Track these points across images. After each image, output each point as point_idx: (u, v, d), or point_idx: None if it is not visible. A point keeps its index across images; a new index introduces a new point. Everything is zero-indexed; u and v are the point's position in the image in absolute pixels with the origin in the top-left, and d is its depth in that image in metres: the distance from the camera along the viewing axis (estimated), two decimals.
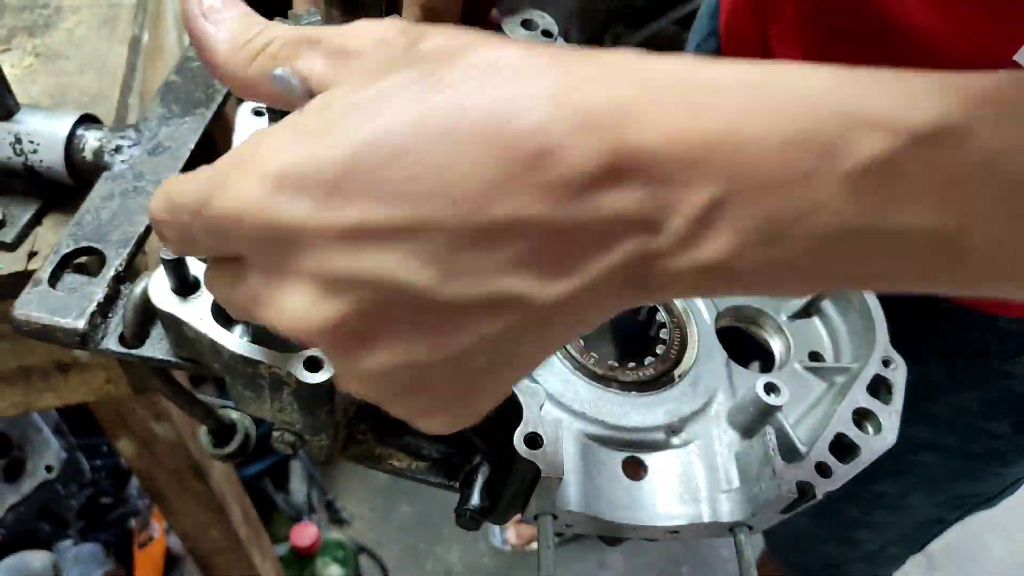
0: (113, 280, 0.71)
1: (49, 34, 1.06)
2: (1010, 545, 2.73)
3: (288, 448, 0.68)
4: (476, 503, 0.71)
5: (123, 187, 0.80)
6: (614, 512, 0.70)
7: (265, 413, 0.68)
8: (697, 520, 0.71)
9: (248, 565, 1.67)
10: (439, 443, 0.74)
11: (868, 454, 0.73)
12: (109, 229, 0.76)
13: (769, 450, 0.69)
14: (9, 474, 1.68)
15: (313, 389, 0.60)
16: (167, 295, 0.63)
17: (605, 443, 0.75)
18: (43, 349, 0.93)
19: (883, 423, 0.76)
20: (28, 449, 1.71)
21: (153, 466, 1.26)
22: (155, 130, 0.87)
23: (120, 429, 1.17)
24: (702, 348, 0.82)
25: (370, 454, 0.73)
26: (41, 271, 0.71)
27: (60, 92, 0.98)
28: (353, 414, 0.72)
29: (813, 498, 0.69)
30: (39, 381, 0.98)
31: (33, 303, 0.68)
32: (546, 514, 0.68)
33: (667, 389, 0.78)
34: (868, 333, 0.84)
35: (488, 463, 0.73)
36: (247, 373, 0.63)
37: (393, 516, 2.71)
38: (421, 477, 0.73)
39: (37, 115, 0.83)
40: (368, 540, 2.64)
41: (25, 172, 0.83)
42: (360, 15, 0.58)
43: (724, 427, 0.78)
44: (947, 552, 2.71)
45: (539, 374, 0.76)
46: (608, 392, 0.76)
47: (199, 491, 1.35)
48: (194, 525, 1.47)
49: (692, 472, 0.75)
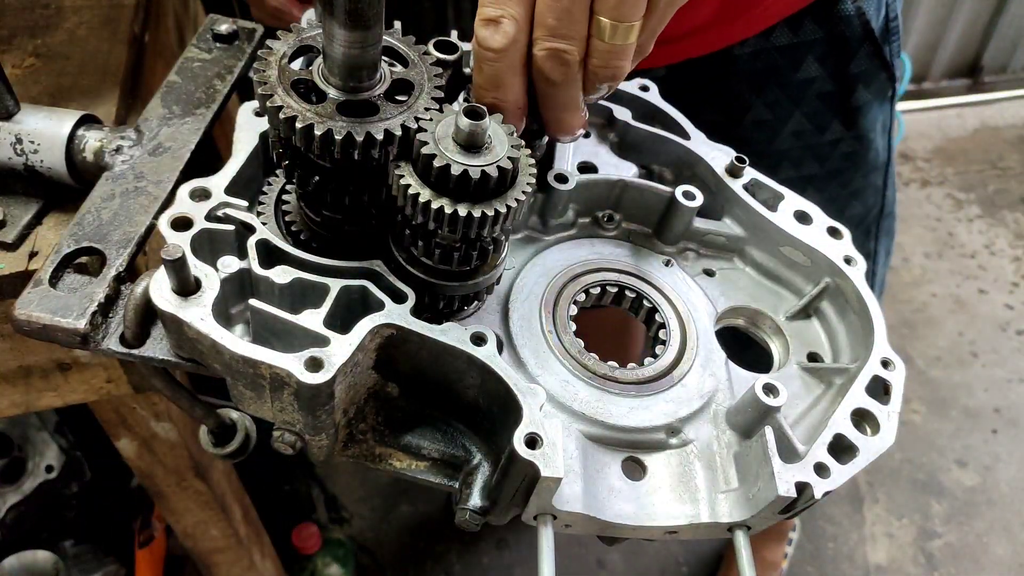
0: (114, 280, 0.71)
1: (50, 34, 1.07)
2: (1010, 545, 2.73)
3: (288, 448, 0.69)
4: (476, 503, 0.71)
5: (124, 187, 0.80)
6: (613, 512, 0.70)
7: (265, 413, 0.68)
8: (696, 520, 0.72)
9: (248, 564, 1.67)
10: (439, 443, 0.74)
11: (867, 454, 0.74)
12: (110, 229, 0.76)
13: (768, 451, 0.69)
14: (10, 474, 1.68)
15: (313, 389, 0.61)
16: (168, 295, 0.63)
17: (605, 443, 0.75)
18: (44, 349, 0.93)
19: (882, 424, 0.76)
20: (28, 449, 1.72)
21: (153, 466, 1.26)
22: (155, 130, 0.87)
23: (120, 429, 1.17)
24: (701, 349, 0.83)
25: (370, 454, 0.73)
26: (42, 271, 0.71)
27: (61, 92, 0.98)
28: (353, 414, 0.72)
29: (812, 498, 0.69)
30: (39, 381, 0.98)
31: (34, 303, 0.68)
32: (546, 514, 0.68)
33: (666, 390, 0.79)
34: (866, 335, 0.84)
35: (488, 463, 0.73)
36: (248, 373, 0.63)
37: (393, 516, 2.71)
38: (421, 477, 0.74)
39: (38, 115, 0.83)
40: (368, 540, 2.64)
41: (26, 172, 0.84)
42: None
43: (723, 428, 0.78)
44: (947, 552, 2.72)
45: (539, 375, 0.76)
46: (608, 393, 0.77)
47: (199, 490, 1.35)
48: (194, 524, 1.48)
49: (691, 472, 0.75)
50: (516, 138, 0.67)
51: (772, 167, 1.37)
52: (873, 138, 1.40)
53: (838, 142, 1.37)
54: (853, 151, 1.39)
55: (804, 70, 1.27)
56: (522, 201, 0.66)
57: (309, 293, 0.68)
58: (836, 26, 1.23)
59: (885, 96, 1.37)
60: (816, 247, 0.88)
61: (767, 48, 1.24)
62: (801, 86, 1.29)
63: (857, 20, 1.23)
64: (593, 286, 0.85)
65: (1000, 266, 3.58)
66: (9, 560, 1.69)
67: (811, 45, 1.24)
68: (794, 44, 1.24)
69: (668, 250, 0.92)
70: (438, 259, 0.71)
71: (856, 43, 1.26)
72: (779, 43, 1.23)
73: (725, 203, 0.93)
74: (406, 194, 0.64)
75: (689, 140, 0.94)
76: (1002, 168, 4.04)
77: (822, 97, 1.31)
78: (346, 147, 0.61)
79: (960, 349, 3.26)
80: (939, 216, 3.79)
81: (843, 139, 1.37)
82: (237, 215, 0.71)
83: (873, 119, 1.38)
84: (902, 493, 2.85)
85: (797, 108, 1.31)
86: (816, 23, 1.22)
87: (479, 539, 2.66)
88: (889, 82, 1.35)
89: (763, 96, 1.30)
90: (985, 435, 3.01)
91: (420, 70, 0.68)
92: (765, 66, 1.26)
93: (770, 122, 1.33)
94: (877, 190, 1.49)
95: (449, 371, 0.70)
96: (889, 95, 1.38)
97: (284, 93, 0.62)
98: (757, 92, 1.29)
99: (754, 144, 1.33)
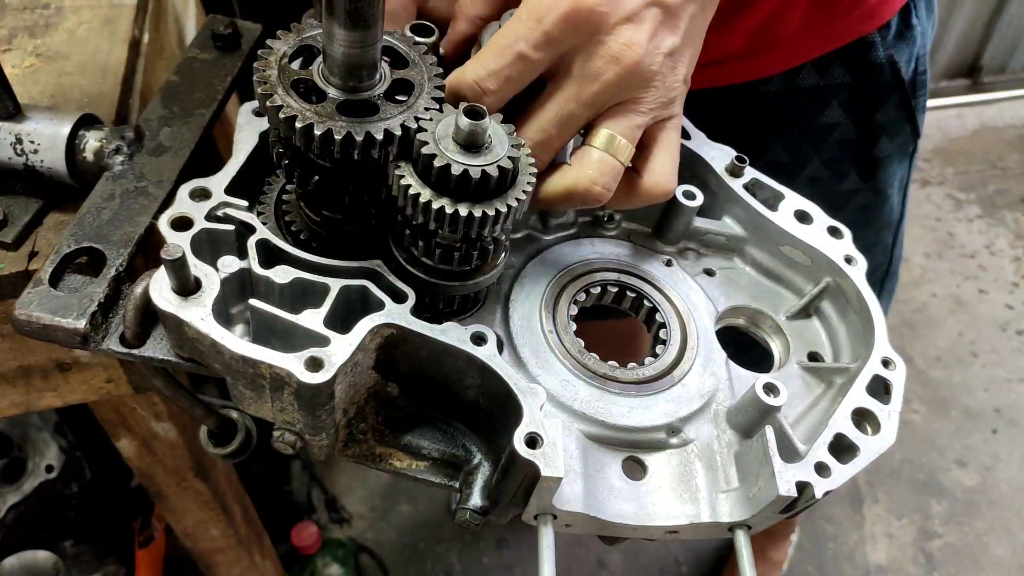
0: (114, 280, 0.71)
1: (50, 34, 1.07)
2: (1010, 545, 2.73)
3: (288, 448, 0.69)
4: (476, 503, 0.71)
5: (124, 187, 0.80)
6: (613, 512, 0.70)
7: (266, 413, 0.68)
8: (696, 520, 0.72)
9: (248, 564, 1.67)
10: (439, 443, 0.74)
11: (867, 454, 0.74)
12: (110, 229, 0.76)
13: (768, 450, 0.69)
14: (10, 474, 1.68)
15: (313, 389, 0.61)
16: (168, 295, 0.63)
17: (605, 443, 0.75)
18: (44, 349, 0.93)
19: (882, 423, 0.76)
20: (29, 449, 1.71)
21: (153, 466, 1.26)
22: (155, 130, 0.87)
23: (120, 429, 1.17)
24: (702, 349, 0.83)
25: (370, 454, 0.73)
26: (42, 271, 0.71)
27: (61, 92, 0.98)
28: (353, 414, 0.72)
29: (812, 498, 0.69)
30: (39, 381, 0.98)
31: (34, 303, 0.68)
32: (546, 514, 0.68)
33: (667, 389, 0.79)
34: (867, 334, 0.84)
35: (488, 463, 0.73)
36: (248, 373, 0.63)
37: (393, 516, 2.72)
38: (421, 477, 0.74)
39: (38, 115, 0.83)
40: (368, 540, 2.64)
41: (26, 172, 0.83)
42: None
43: (723, 427, 0.78)
44: (947, 552, 2.72)
45: (539, 374, 0.76)
46: (608, 392, 0.77)
47: (199, 490, 1.35)
48: (194, 524, 1.48)
49: (692, 472, 0.75)
50: (516, 138, 0.67)
51: None
52: (891, 194, 1.37)
53: (855, 193, 1.34)
54: (869, 204, 1.36)
55: (828, 115, 1.24)
56: (522, 200, 0.66)
57: (309, 293, 0.68)
58: (866, 72, 1.20)
59: (907, 152, 1.34)
60: (816, 246, 0.88)
61: (792, 88, 1.21)
62: (823, 131, 1.26)
63: (888, 68, 1.20)
64: (593, 286, 0.85)
65: (1000, 266, 3.58)
66: (9, 560, 1.69)
67: (837, 90, 1.21)
68: (820, 87, 1.21)
69: (668, 250, 0.92)
70: (438, 259, 0.71)
71: (885, 92, 1.23)
72: (805, 84, 1.20)
73: (725, 203, 0.93)
74: (406, 194, 0.64)
75: (690, 140, 0.94)
76: (1002, 168, 4.05)
77: (843, 145, 1.28)
78: (346, 147, 0.61)
79: (960, 349, 3.26)
80: (939, 216, 3.79)
81: (860, 190, 1.34)
82: (237, 215, 0.71)
83: (892, 174, 1.34)
84: (902, 493, 2.86)
85: (816, 154, 1.29)
86: (845, 67, 1.19)
87: (479, 539, 2.66)
88: (912, 138, 1.32)
89: (782, 138, 1.27)
90: (985, 435, 3.01)
91: (420, 70, 0.68)
92: (788, 106, 1.23)
93: (787, 166, 1.29)
94: (886, 249, 1.46)
95: (449, 371, 0.70)
96: (910, 152, 1.35)
97: (284, 93, 0.62)
98: (777, 134, 1.27)
99: None
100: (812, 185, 1.32)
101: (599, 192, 0.74)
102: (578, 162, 0.74)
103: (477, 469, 0.73)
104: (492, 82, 0.71)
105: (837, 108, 1.24)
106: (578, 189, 0.73)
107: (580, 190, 0.73)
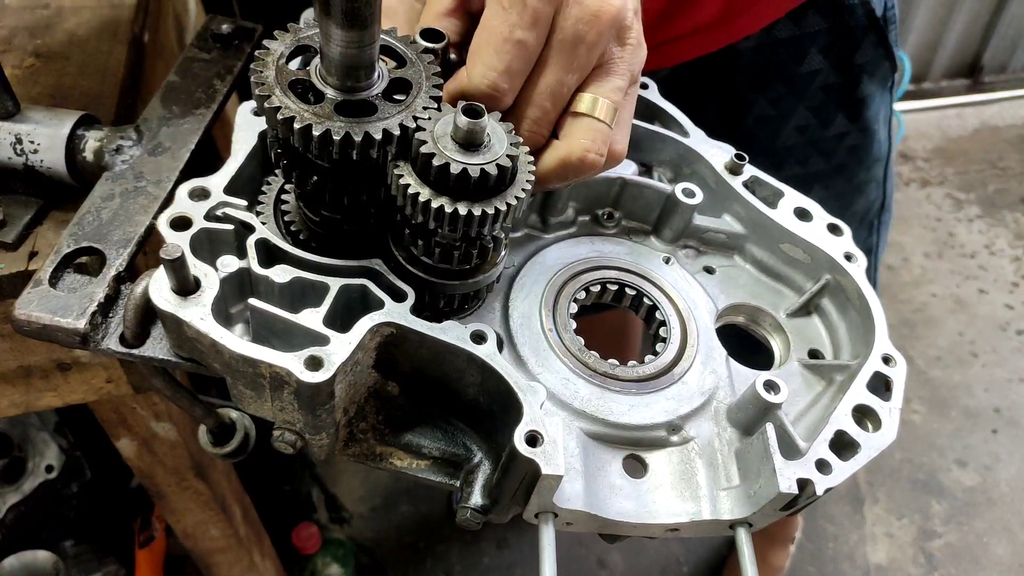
0: (113, 280, 0.71)
1: (50, 35, 1.07)
2: (1010, 545, 2.73)
3: (288, 447, 0.69)
4: (477, 502, 0.71)
5: (124, 187, 0.80)
6: (614, 510, 0.70)
7: (266, 412, 0.68)
8: (697, 518, 0.72)
9: (248, 564, 1.67)
10: (440, 442, 0.74)
11: (868, 451, 0.74)
12: (110, 229, 0.76)
13: (769, 447, 0.69)
14: (10, 474, 1.68)
15: (313, 388, 0.61)
16: (168, 295, 0.63)
17: (605, 441, 0.75)
18: (44, 349, 0.93)
19: (883, 420, 0.76)
20: (29, 449, 1.71)
21: (153, 466, 1.26)
22: (155, 130, 0.87)
23: (120, 429, 1.17)
24: (702, 346, 0.83)
25: (371, 453, 0.73)
26: (42, 271, 0.71)
27: (61, 92, 0.98)
28: (354, 413, 0.72)
29: (813, 495, 0.69)
30: (39, 381, 0.98)
31: (34, 303, 0.68)
32: (547, 512, 0.68)
33: (667, 387, 0.79)
34: (867, 331, 0.84)
35: (489, 462, 0.73)
36: (248, 372, 0.63)
37: (393, 516, 2.72)
38: (422, 476, 0.73)
39: (38, 115, 0.83)
40: (368, 540, 2.64)
41: (26, 172, 0.84)
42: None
43: (724, 425, 0.78)
44: (947, 552, 2.71)
45: (539, 373, 0.76)
46: (608, 390, 0.77)
47: (199, 490, 1.35)
48: (194, 524, 1.48)
49: (692, 470, 0.75)
50: (515, 136, 0.67)
51: (777, 164, 1.36)
52: (877, 129, 1.39)
53: (843, 136, 1.36)
54: (858, 144, 1.38)
55: (808, 63, 1.26)
56: (522, 199, 0.66)
57: (309, 292, 0.68)
58: (840, 16, 1.22)
59: (886, 86, 1.36)
60: (816, 244, 0.88)
61: (769, 42, 1.22)
62: (805, 79, 1.27)
63: (861, 9, 1.22)
64: (593, 284, 0.85)
65: (1000, 266, 3.58)
66: (9, 560, 1.69)
67: (814, 37, 1.23)
68: (797, 36, 1.22)
69: (668, 248, 0.92)
70: (438, 258, 0.71)
71: (861, 32, 1.24)
72: (781, 36, 1.22)
73: (725, 200, 0.93)
74: (405, 193, 0.64)
75: (688, 137, 0.94)
76: (1002, 168, 4.05)
77: (826, 90, 1.29)
78: (344, 147, 0.61)
79: (960, 349, 3.26)
80: (939, 216, 3.79)
81: (848, 132, 1.36)
82: (236, 214, 0.70)
83: (876, 110, 1.36)
84: (902, 493, 2.85)
85: (801, 102, 1.30)
86: (820, 14, 1.21)
87: (480, 538, 2.66)
88: (891, 71, 1.34)
89: (766, 92, 1.29)
90: (985, 435, 3.01)
91: (418, 69, 0.68)
92: (767, 61, 1.25)
93: (773, 118, 1.31)
94: (879, 183, 1.48)
95: (449, 370, 0.70)
96: (889, 85, 1.37)
97: (282, 93, 0.62)
98: (760, 88, 1.28)
99: (758, 142, 1.32)
100: (801, 133, 1.34)
101: (593, 159, 0.71)
102: (567, 133, 0.72)
103: (478, 468, 0.73)
104: (504, 80, 0.70)
105: (816, 55, 1.25)
106: (572, 161, 0.71)
107: (575, 161, 0.71)
